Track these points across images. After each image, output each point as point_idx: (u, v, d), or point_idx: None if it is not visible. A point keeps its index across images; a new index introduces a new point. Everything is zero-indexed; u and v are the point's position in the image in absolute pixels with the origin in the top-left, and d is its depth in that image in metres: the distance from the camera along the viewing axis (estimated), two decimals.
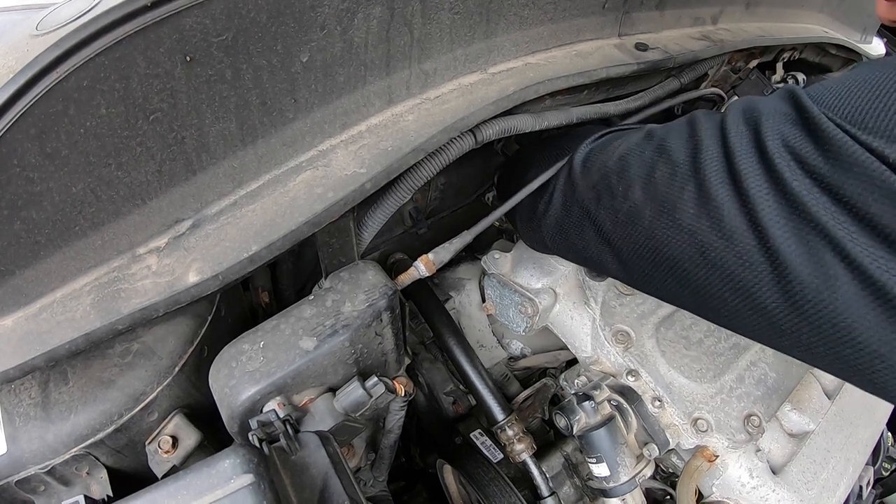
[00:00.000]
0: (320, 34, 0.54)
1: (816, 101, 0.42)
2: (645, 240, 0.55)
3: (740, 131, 0.47)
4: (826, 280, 0.41)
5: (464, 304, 1.07)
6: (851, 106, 0.40)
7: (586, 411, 0.77)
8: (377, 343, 0.66)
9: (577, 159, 0.67)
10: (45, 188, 0.47)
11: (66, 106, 0.44)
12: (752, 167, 0.44)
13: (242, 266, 0.53)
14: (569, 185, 0.67)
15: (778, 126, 0.44)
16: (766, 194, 0.43)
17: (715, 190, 0.47)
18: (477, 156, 0.88)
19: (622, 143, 0.62)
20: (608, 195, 0.60)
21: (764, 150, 0.44)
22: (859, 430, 0.88)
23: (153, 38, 0.45)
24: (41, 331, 0.52)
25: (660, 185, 0.53)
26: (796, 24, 1.28)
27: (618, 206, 0.58)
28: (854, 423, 0.88)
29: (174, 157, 0.52)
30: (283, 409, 0.57)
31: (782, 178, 0.42)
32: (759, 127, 0.45)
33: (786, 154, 0.42)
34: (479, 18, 0.67)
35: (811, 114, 0.42)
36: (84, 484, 0.59)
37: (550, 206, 0.70)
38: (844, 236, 0.39)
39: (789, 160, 0.42)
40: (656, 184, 0.53)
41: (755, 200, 0.44)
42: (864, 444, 0.88)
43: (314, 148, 0.61)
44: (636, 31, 0.91)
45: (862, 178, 0.38)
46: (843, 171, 0.39)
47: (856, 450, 0.86)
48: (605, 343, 0.84)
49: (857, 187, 0.38)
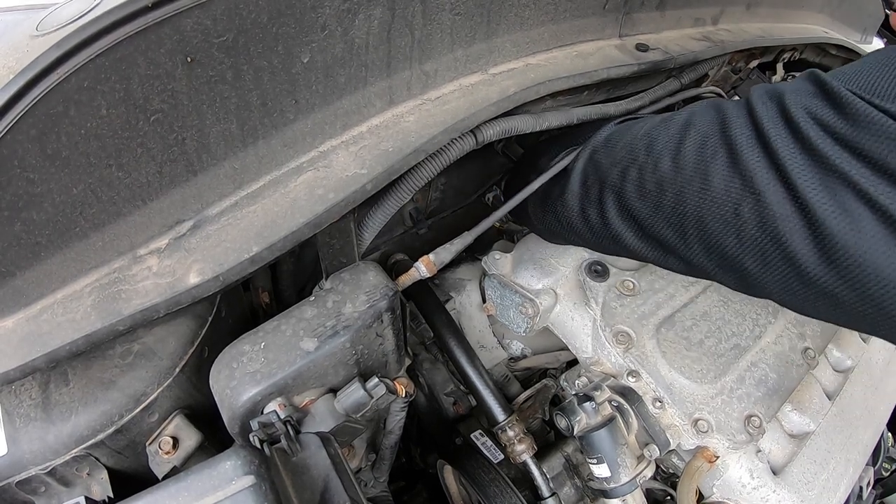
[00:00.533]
0: (321, 35, 0.54)
1: (835, 78, 0.47)
2: (674, 207, 0.58)
3: (766, 105, 0.51)
4: (852, 222, 0.44)
5: (464, 305, 1.07)
6: (866, 80, 0.45)
7: (587, 412, 0.77)
8: (378, 344, 0.66)
9: (599, 139, 0.70)
10: (45, 189, 0.47)
11: (66, 107, 0.44)
12: (779, 132, 0.49)
13: (243, 267, 0.53)
14: (590, 164, 0.70)
15: (801, 99, 0.49)
16: (794, 153, 0.48)
17: (746, 154, 0.51)
18: (477, 156, 0.88)
19: (644, 124, 0.65)
20: (635, 169, 0.62)
21: (789, 117, 0.49)
22: (859, 431, 0.88)
23: (154, 39, 0.45)
24: (42, 332, 0.52)
25: (690, 154, 0.56)
26: (796, 25, 1.28)
27: (646, 177, 0.61)
28: (854, 423, 0.88)
29: (175, 158, 0.52)
30: (284, 410, 0.57)
31: (808, 139, 0.47)
32: (784, 101, 0.50)
33: (809, 119, 0.47)
34: (479, 19, 0.67)
35: (831, 86, 0.47)
36: (85, 485, 0.59)
37: (568, 189, 0.72)
38: (867, 183, 0.44)
39: (812, 124, 0.47)
40: (686, 154, 0.57)
41: (784, 159, 0.48)
42: (865, 444, 0.88)
43: (315, 149, 0.61)
44: (637, 32, 0.91)
45: (880, 136, 0.43)
46: (862, 131, 0.44)
47: (856, 450, 0.86)
48: (605, 344, 0.84)
49: (875, 144, 0.43)
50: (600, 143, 0.70)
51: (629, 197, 0.63)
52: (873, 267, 0.44)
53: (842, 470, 0.82)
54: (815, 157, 0.46)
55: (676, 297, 0.88)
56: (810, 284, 0.49)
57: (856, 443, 0.86)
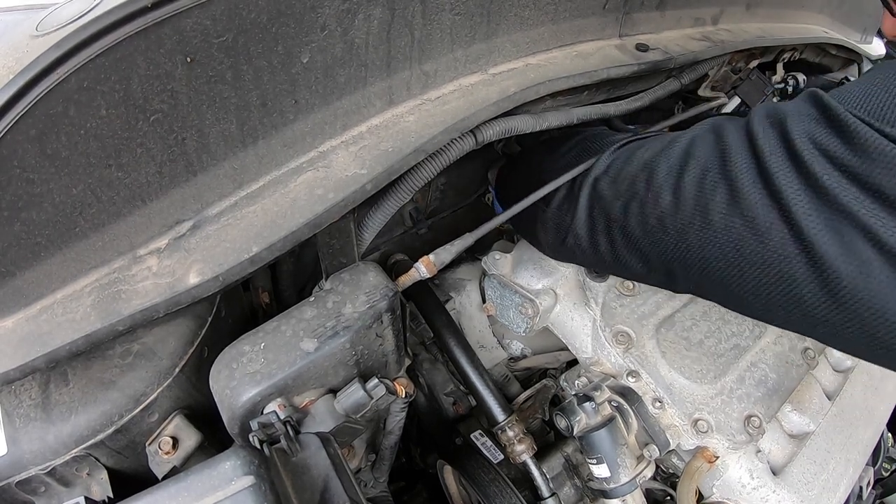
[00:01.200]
0: (321, 35, 0.54)
1: (839, 101, 0.44)
2: (676, 243, 0.56)
3: (767, 133, 0.48)
4: (860, 266, 0.42)
5: (464, 305, 1.07)
6: (872, 103, 0.42)
7: (587, 412, 0.77)
8: (378, 344, 0.66)
9: (601, 167, 0.68)
10: (45, 189, 0.47)
11: (66, 107, 0.44)
12: (781, 165, 0.46)
13: (243, 267, 0.53)
14: (594, 194, 0.68)
15: (804, 125, 0.46)
16: (797, 190, 0.45)
17: (747, 190, 0.48)
18: (477, 156, 0.88)
19: (645, 152, 0.63)
20: (637, 203, 0.60)
21: (792, 147, 0.46)
22: (859, 431, 0.88)
23: (154, 39, 0.45)
24: (41, 332, 0.52)
25: (689, 188, 0.54)
26: (796, 25, 1.28)
27: (647, 212, 0.59)
28: (854, 423, 0.88)
29: (175, 158, 0.52)
30: (284, 410, 0.57)
31: (812, 173, 0.44)
32: (786, 127, 0.47)
33: (813, 150, 0.44)
34: (479, 19, 0.67)
35: (835, 111, 0.43)
36: (84, 485, 0.59)
37: (576, 219, 0.70)
38: (875, 223, 0.41)
39: (817, 155, 0.44)
40: (686, 188, 0.54)
41: (787, 196, 0.45)
42: (865, 444, 0.88)
43: (315, 149, 0.61)
44: (637, 32, 0.91)
45: (889, 167, 0.40)
46: (870, 162, 0.41)
47: (856, 450, 0.86)
48: (605, 344, 0.84)
49: (884, 175, 0.40)
50: (601, 171, 0.68)
51: (633, 232, 0.62)
52: (882, 311, 0.42)
53: (841, 470, 0.82)
54: (820, 193, 0.43)
55: (676, 297, 0.88)
56: (816, 322, 0.48)
57: (856, 443, 0.87)
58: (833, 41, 1.34)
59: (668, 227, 0.57)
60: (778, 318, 0.52)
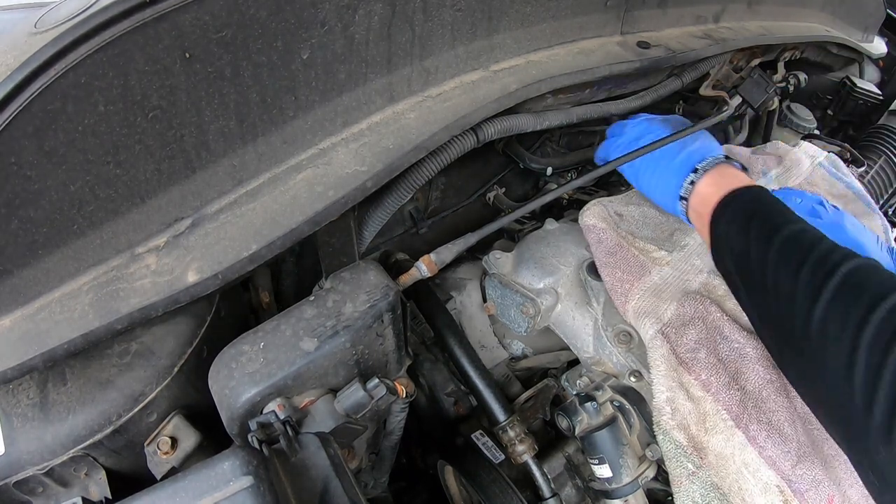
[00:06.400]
0: (321, 31, 0.54)
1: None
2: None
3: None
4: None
5: (465, 305, 1.06)
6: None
7: (588, 412, 0.77)
8: (378, 344, 0.65)
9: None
10: (42, 186, 0.47)
11: (64, 103, 0.44)
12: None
13: (242, 265, 0.53)
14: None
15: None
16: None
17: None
18: (478, 155, 0.88)
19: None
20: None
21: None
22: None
23: (152, 35, 0.44)
24: (39, 331, 0.51)
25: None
26: (798, 23, 1.28)
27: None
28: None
29: (173, 155, 0.52)
30: (284, 410, 0.56)
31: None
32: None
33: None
34: (480, 16, 0.67)
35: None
36: (82, 485, 0.59)
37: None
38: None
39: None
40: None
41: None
42: None
43: (315, 146, 0.61)
44: (638, 30, 0.91)
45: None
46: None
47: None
48: (607, 343, 0.83)
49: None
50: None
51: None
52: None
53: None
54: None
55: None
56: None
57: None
58: (834, 40, 1.34)
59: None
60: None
